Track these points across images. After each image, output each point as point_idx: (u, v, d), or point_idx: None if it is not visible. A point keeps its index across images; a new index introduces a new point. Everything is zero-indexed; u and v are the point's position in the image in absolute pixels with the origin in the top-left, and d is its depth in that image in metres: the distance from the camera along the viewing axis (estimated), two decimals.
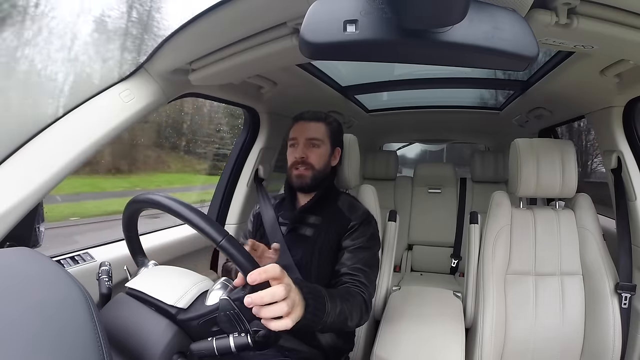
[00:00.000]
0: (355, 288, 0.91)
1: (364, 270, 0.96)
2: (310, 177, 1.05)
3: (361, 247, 1.00)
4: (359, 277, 0.94)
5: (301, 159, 1.04)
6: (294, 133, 1.08)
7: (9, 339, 0.40)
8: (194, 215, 0.59)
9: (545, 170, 1.19)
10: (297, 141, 1.07)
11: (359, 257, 0.98)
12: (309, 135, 1.06)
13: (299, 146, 1.06)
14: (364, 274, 0.95)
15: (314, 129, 1.07)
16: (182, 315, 0.61)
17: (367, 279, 0.95)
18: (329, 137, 1.08)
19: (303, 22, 0.43)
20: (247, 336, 0.59)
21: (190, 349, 0.60)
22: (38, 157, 0.77)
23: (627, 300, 1.09)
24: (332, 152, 1.10)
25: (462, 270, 2.09)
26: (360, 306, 0.87)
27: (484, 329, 1.13)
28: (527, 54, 0.44)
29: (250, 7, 0.70)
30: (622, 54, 0.83)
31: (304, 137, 1.06)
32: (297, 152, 1.05)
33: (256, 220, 1.15)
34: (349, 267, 0.96)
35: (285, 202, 1.13)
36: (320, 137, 1.07)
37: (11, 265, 0.51)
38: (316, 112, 1.10)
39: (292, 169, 1.06)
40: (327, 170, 1.09)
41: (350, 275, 0.95)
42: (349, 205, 1.08)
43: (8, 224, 0.72)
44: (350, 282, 0.93)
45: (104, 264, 0.75)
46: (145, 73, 0.92)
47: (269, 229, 1.09)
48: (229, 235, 0.58)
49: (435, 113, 2.16)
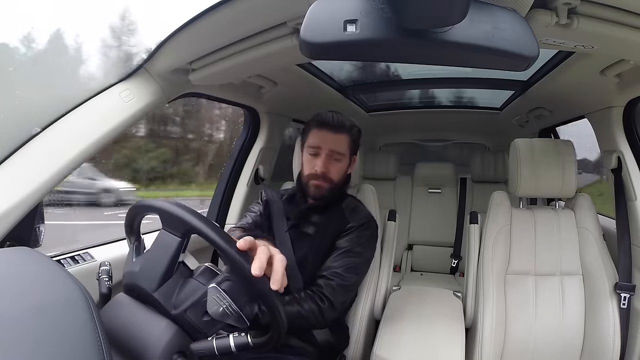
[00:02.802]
0: (315, 297, 0.93)
1: (343, 277, 0.96)
2: (328, 190, 1.03)
3: (350, 251, 1.00)
4: (332, 282, 0.95)
5: (322, 173, 1.02)
6: (317, 141, 1.03)
7: (9, 339, 0.40)
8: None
9: (545, 171, 1.19)
10: (320, 152, 1.03)
11: (344, 261, 0.98)
12: (333, 147, 1.02)
13: (321, 158, 1.02)
14: (340, 279, 0.96)
15: (338, 142, 1.03)
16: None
17: (340, 283, 0.96)
18: (350, 148, 1.06)
19: (303, 22, 0.43)
20: (247, 336, 0.59)
21: (190, 348, 0.60)
22: (38, 157, 0.77)
23: (626, 300, 1.09)
24: (350, 161, 1.09)
25: (462, 270, 2.09)
26: (309, 318, 0.91)
27: (484, 328, 1.13)
28: (527, 54, 0.44)
29: (250, 7, 0.70)
30: (622, 54, 0.83)
31: (327, 148, 1.02)
32: (318, 164, 1.02)
33: (265, 208, 1.14)
34: (328, 270, 0.97)
35: (295, 199, 1.12)
36: (342, 151, 1.04)
37: (11, 265, 0.51)
38: (341, 120, 1.05)
39: (310, 179, 1.04)
40: (343, 181, 1.08)
41: (324, 278, 0.96)
42: (353, 208, 1.08)
43: (8, 224, 0.72)
44: (316, 287, 0.95)
45: (104, 264, 0.75)
46: (145, 73, 0.92)
47: (275, 222, 1.08)
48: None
49: (435, 113, 2.16)
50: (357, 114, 2.05)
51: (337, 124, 1.04)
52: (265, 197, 1.16)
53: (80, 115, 0.83)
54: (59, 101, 0.82)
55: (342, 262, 0.98)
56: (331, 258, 0.99)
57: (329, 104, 1.74)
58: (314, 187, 1.03)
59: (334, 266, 0.98)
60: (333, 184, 1.04)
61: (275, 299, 0.59)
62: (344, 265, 0.98)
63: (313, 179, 1.03)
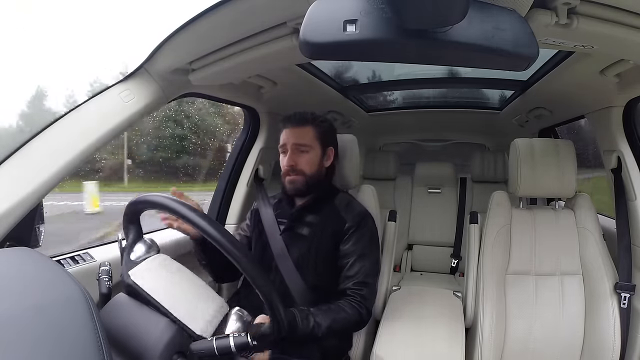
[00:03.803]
0: (354, 304, 0.97)
1: (367, 283, 1.00)
2: (302, 182, 1.05)
3: (362, 254, 1.02)
4: (361, 291, 0.99)
5: (290, 167, 1.04)
6: (282, 139, 1.08)
7: (10, 339, 0.40)
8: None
9: (544, 170, 1.19)
10: (286, 148, 1.06)
11: (361, 267, 1.01)
12: (296, 141, 1.05)
13: (288, 153, 1.05)
14: (367, 288, 1.00)
15: (300, 134, 1.06)
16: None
17: (369, 290, 1.01)
18: (318, 139, 1.07)
19: (303, 22, 0.43)
20: (247, 336, 0.59)
21: (190, 348, 0.60)
22: (38, 157, 0.77)
23: (626, 300, 1.09)
24: (324, 153, 1.09)
25: (462, 270, 2.09)
26: (353, 319, 0.96)
27: (484, 328, 1.13)
28: (527, 54, 0.44)
29: (250, 7, 0.70)
30: (622, 54, 0.83)
31: (291, 142, 1.05)
32: (286, 159, 1.05)
33: (254, 217, 1.16)
34: (353, 282, 1.00)
35: (283, 202, 1.14)
36: (307, 142, 1.05)
37: (11, 266, 0.51)
38: (302, 115, 1.08)
39: (284, 176, 1.07)
40: (321, 173, 1.08)
41: (353, 290, 0.99)
42: (346, 204, 1.08)
43: (8, 224, 0.72)
44: (351, 297, 0.98)
45: (104, 264, 0.75)
46: (145, 73, 0.92)
47: (267, 227, 1.09)
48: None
49: (435, 113, 2.16)
50: (357, 114, 2.05)
51: (297, 119, 1.07)
52: (256, 205, 1.19)
53: (80, 115, 0.83)
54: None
55: (360, 269, 1.01)
56: (348, 267, 1.01)
57: (329, 104, 1.74)
58: (288, 183, 1.06)
59: (354, 274, 1.01)
60: (306, 176, 1.05)
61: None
62: (364, 271, 1.01)
63: (286, 176, 1.06)
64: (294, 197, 1.10)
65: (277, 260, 1.03)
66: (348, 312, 0.95)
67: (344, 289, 1.00)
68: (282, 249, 1.04)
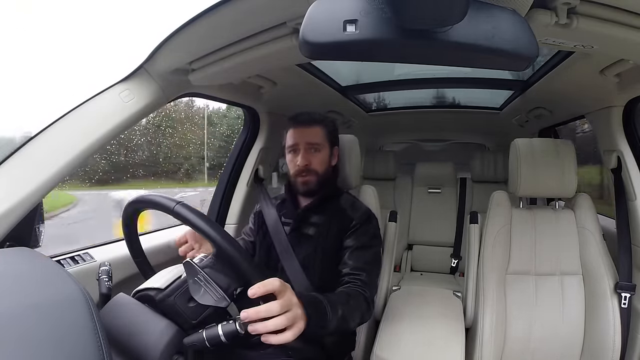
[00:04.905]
0: (356, 288, 0.92)
1: (366, 269, 0.97)
2: (316, 182, 1.05)
3: (363, 246, 1.00)
4: (361, 276, 0.95)
5: (305, 167, 1.03)
6: (293, 139, 1.06)
7: (10, 339, 0.40)
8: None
9: (545, 170, 1.19)
10: (298, 147, 1.05)
11: (361, 256, 0.98)
12: (309, 140, 1.05)
13: (300, 153, 1.04)
14: (366, 273, 0.96)
15: (313, 134, 1.05)
16: (160, 295, 0.63)
17: (369, 277, 0.96)
18: (327, 139, 1.08)
19: (303, 22, 0.43)
20: (235, 323, 0.59)
21: (183, 342, 0.60)
22: (38, 157, 0.77)
23: (627, 300, 1.08)
24: (332, 152, 1.10)
25: (462, 270, 2.09)
26: (361, 306, 0.88)
27: (484, 328, 1.13)
28: (527, 54, 0.44)
29: (250, 7, 0.70)
30: (622, 54, 0.83)
31: (304, 142, 1.05)
32: (299, 159, 1.04)
33: (257, 219, 1.15)
34: (351, 267, 0.97)
35: (287, 203, 1.13)
36: (320, 142, 1.06)
37: (11, 265, 0.51)
38: (312, 115, 1.09)
39: (296, 177, 1.05)
40: (330, 172, 1.09)
41: (352, 275, 0.95)
42: (351, 204, 1.08)
43: (8, 224, 0.72)
44: (352, 282, 0.94)
45: (104, 264, 0.75)
46: (145, 73, 0.92)
47: (271, 228, 1.08)
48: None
49: (435, 113, 2.16)
50: (357, 114, 2.05)
51: (308, 118, 1.08)
52: (259, 207, 1.18)
53: (80, 115, 0.83)
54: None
55: (359, 257, 0.98)
56: (348, 256, 0.99)
57: (329, 104, 1.74)
58: (301, 184, 1.05)
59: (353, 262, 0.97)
60: (318, 175, 1.05)
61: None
62: (363, 259, 0.98)
63: (299, 176, 1.05)
64: (302, 197, 1.09)
65: (282, 261, 1.02)
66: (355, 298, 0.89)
67: (342, 276, 0.97)
68: (288, 249, 1.03)
